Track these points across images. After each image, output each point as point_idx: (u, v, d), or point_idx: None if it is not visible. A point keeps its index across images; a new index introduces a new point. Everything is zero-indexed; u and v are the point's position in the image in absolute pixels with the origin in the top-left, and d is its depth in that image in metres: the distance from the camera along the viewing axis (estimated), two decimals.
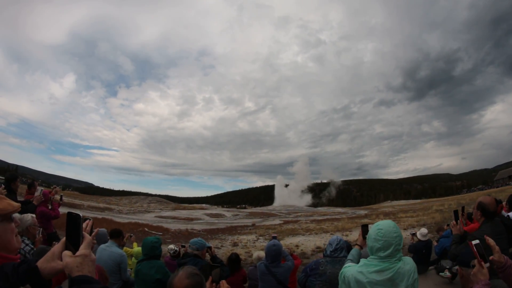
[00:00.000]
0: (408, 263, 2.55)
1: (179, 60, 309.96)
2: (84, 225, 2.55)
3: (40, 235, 4.54)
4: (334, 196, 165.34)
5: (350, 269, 2.68)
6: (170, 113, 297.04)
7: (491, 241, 2.45)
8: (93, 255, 1.40)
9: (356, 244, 3.43)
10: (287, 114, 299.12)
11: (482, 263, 2.35)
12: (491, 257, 2.41)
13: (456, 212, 4.23)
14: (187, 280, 2.13)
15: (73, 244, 1.39)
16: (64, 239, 1.44)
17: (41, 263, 1.41)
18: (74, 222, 1.42)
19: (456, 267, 3.79)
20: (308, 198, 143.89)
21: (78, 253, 1.35)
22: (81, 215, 1.43)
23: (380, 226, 2.57)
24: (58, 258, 1.41)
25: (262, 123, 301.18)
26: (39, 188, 6.49)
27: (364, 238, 3.28)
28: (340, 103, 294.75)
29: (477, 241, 2.42)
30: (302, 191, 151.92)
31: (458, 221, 4.12)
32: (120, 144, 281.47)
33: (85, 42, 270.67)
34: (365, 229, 3.40)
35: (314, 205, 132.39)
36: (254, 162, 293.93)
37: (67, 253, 1.36)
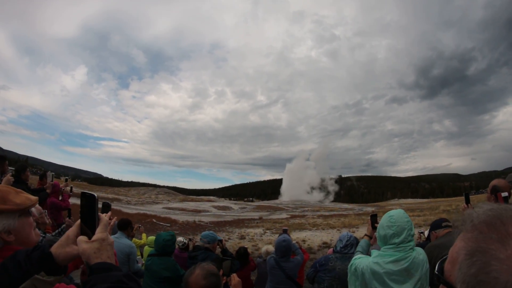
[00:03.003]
0: (421, 253, 2.60)
1: (192, 53, 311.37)
2: (109, 215, 2.58)
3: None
4: (357, 187, 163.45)
5: (362, 261, 2.68)
6: (181, 105, 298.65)
7: None
8: (110, 238, 1.26)
9: (365, 235, 3.41)
10: (299, 108, 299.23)
11: None
12: None
13: (467, 195, 4.20)
14: (204, 281, 2.12)
15: (88, 227, 1.25)
16: (78, 221, 1.28)
17: (55, 249, 1.26)
18: (88, 203, 1.26)
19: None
20: (317, 192, 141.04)
21: (94, 237, 1.21)
22: (96, 195, 1.27)
23: (391, 213, 2.65)
24: (73, 242, 1.26)
25: (273, 116, 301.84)
26: (50, 174, 6.48)
27: (373, 228, 3.32)
28: (352, 98, 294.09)
29: (505, 194, 2.41)
30: (323, 182, 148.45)
31: (469, 204, 4.08)
32: (130, 135, 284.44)
33: (97, 35, 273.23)
34: (374, 219, 3.42)
35: (335, 199, 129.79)
36: (263, 156, 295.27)
37: (82, 238, 1.22)
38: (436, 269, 0.79)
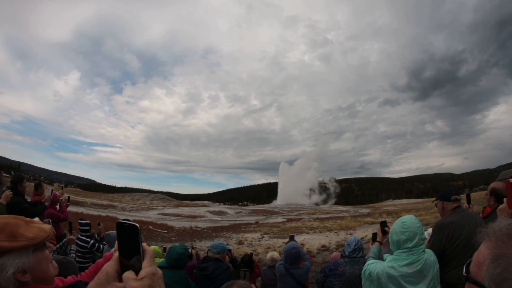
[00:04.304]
0: (431, 254, 2.78)
1: (185, 57, 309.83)
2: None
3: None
4: (351, 189, 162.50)
5: (377, 266, 2.80)
6: (175, 110, 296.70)
7: None
8: (159, 270, 1.03)
9: (376, 241, 3.57)
10: (292, 112, 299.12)
11: None
12: None
13: (468, 195, 4.30)
14: None
15: (129, 260, 1.05)
16: (117, 255, 1.06)
17: None
18: (129, 234, 1.06)
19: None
20: (314, 195, 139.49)
21: (143, 273, 0.99)
22: (138, 225, 1.04)
23: (404, 220, 2.81)
24: (114, 279, 1.02)
25: (267, 121, 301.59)
26: (49, 188, 6.28)
27: (383, 234, 3.51)
28: (345, 101, 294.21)
29: None
30: (322, 183, 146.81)
31: (470, 204, 4.16)
32: (124, 141, 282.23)
33: (91, 40, 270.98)
34: (383, 225, 3.56)
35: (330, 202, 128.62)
36: (257, 160, 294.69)
37: (129, 275, 0.99)
38: (464, 271, 0.98)
